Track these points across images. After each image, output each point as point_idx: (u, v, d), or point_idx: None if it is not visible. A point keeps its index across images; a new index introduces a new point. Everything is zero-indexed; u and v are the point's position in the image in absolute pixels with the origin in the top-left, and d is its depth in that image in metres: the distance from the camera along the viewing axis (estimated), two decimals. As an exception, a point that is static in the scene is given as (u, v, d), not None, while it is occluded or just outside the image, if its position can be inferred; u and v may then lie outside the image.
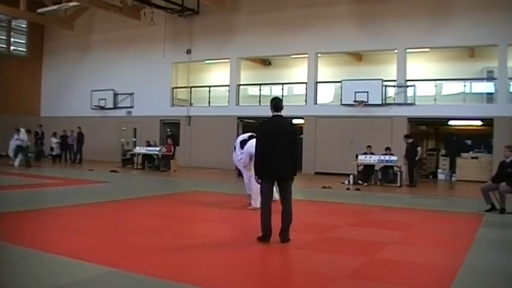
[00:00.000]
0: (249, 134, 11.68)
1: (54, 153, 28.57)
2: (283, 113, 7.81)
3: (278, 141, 7.59)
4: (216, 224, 9.94)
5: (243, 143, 11.53)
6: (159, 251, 7.05)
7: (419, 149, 19.92)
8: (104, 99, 30.53)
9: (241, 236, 8.16)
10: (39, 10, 29.67)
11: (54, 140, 28.56)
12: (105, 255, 6.62)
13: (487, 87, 23.33)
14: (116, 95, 30.73)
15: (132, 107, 30.37)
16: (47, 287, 5.25)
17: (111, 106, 30.62)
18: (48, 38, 35.12)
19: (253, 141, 9.91)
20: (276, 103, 7.87)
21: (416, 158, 19.57)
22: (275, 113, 7.85)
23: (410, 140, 19.89)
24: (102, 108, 30.73)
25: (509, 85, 21.77)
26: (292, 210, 7.67)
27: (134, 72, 29.81)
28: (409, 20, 22.70)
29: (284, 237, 7.58)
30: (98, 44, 32.04)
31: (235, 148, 12.00)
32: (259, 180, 7.75)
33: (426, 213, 11.96)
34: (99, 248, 7.11)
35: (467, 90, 23.09)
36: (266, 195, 7.69)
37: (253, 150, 9.71)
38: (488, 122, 21.64)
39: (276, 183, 7.88)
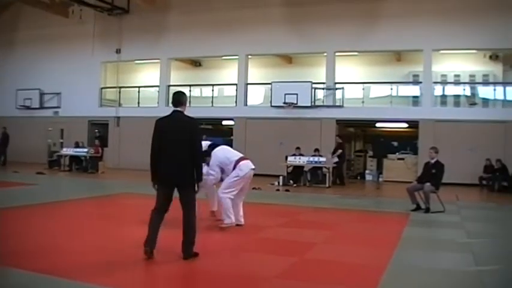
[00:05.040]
0: (208, 143, 9.95)
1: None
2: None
3: (173, 141, 6.60)
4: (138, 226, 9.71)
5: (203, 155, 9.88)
6: (78, 254, 6.87)
7: (340, 151, 20.39)
8: (30, 98, 29.45)
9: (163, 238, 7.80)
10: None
11: (-25, 140, 27.37)
12: (23, 259, 6.38)
13: (413, 90, 24.02)
14: (42, 94, 29.69)
15: (59, 107, 29.44)
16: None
17: (37, 106, 29.55)
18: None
19: (218, 150, 9.43)
20: (174, 97, 6.97)
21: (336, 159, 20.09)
22: (174, 109, 6.86)
23: (340, 141, 20.39)
24: (28, 108, 29.66)
25: (434, 89, 22.49)
26: (194, 223, 6.65)
27: (61, 71, 28.88)
28: (338, 24, 23.03)
29: (185, 252, 6.58)
30: (23, 41, 30.77)
31: None
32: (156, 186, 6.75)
33: (354, 213, 12.12)
34: (19, 253, 6.82)
35: (394, 94, 23.64)
36: (158, 202, 6.67)
37: (223, 159, 9.19)
38: (413, 124, 22.23)
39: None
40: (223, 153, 9.36)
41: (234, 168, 9.05)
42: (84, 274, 5.86)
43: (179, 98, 6.93)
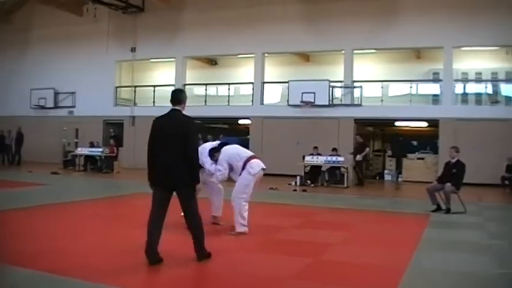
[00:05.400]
0: (218, 141, 9.83)
1: (-10, 154, 27.61)
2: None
3: (167, 141, 6.41)
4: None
5: (213, 151, 9.07)
6: (88, 255, 6.88)
7: (367, 149, 20.27)
8: (44, 98, 29.70)
9: (181, 239, 7.64)
10: (-26, 3, 28.70)
11: (-10, 140, 27.61)
12: (36, 260, 6.39)
13: (433, 88, 23.82)
14: (56, 94, 29.93)
15: (74, 107, 29.65)
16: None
17: (52, 105, 29.81)
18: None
19: (229, 147, 9.04)
20: (173, 95, 6.73)
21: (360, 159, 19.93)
22: (172, 107, 6.67)
23: (361, 140, 20.22)
24: (43, 107, 29.89)
25: (454, 87, 22.26)
26: (200, 224, 6.51)
27: (76, 70, 29.04)
28: (356, 21, 22.90)
29: (198, 253, 6.48)
30: (37, 40, 31.04)
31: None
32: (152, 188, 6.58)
33: (373, 214, 12.04)
34: (32, 253, 6.83)
35: (414, 92, 23.46)
36: (154, 205, 6.47)
37: (233, 155, 8.79)
38: (433, 123, 22.02)
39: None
40: (234, 149, 9.01)
41: (244, 167, 8.66)
42: (93, 275, 5.85)
43: (178, 96, 6.72)
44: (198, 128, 6.71)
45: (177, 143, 6.35)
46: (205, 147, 9.14)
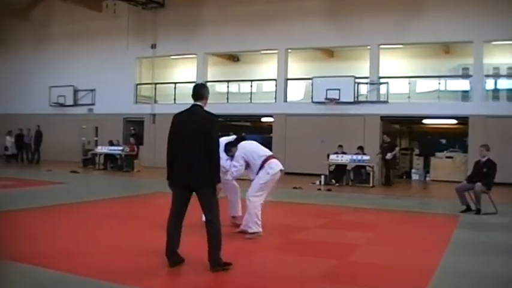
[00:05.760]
0: (235, 136, 9.70)
1: (9, 153, 27.99)
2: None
3: (187, 138, 6.22)
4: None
5: (229, 145, 8.79)
6: (108, 256, 6.92)
7: (397, 148, 20.10)
8: (63, 95, 29.97)
9: (199, 240, 7.64)
10: (-9, -2, 29.01)
11: (9, 139, 27.95)
12: (54, 260, 6.45)
13: (462, 84, 23.55)
14: (76, 91, 30.21)
15: (93, 104, 29.89)
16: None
17: (71, 103, 30.09)
18: (1, 28, 34.14)
19: (247, 143, 8.93)
20: (195, 89, 6.54)
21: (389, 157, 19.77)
22: (194, 102, 6.47)
23: (389, 140, 20.06)
24: (62, 105, 30.17)
25: (485, 83, 22.02)
26: (219, 229, 6.20)
27: (95, 67, 29.29)
28: (382, 15, 22.71)
29: (212, 262, 6.13)
30: (56, 36, 31.32)
31: None
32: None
33: (399, 214, 11.96)
34: (48, 253, 6.90)
35: (442, 88, 23.28)
36: (173, 205, 6.38)
37: (251, 152, 8.63)
38: (463, 120, 21.77)
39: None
40: (252, 146, 8.83)
41: (261, 166, 8.50)
42: (115, 276, 5.87)
43: (200, 91, 6.52)
44: (220, 126, 6.42)
45: (198, 140, 6.15)
46: (221, 142, 8.48)
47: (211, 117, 6.34)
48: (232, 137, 9.38)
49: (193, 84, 21.70)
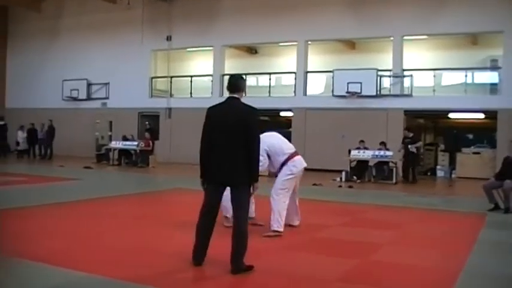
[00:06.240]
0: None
1: (20, 148, 28.24)
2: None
3: (224, 132, 6.05)
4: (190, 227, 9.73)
5: None
6: (127, 255, 6.96)
7: (420, 142, 19.91)
8: (77, 89, 30.17)
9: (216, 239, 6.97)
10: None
11: (20, 134, 28.17)
12: (69, 259, 6.50)
13: (491, 77, 23.34)
14: (89, 85, 30.41)
15: (107, 98, 30.06)
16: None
17: (85, 97, 30.29)
18: (13, 20, 34.48)
19: (270, 135, 8.80)
20: (231, 81, 6.42)
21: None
22: (230, 95, 6.34)
23: (411, 134, 19.91)
24: (75, 99, 30.38)
25: (515, 75, 21.77)
26: (246, 230, 6.10)
27: (109, 60, 29.45)
28: (405, 5, 22.54)
29: (234, 265, 6.00)
30: (69, 28, 31.50)
31: None
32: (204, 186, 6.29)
33: (424, 213, 11.91)
34: (63, 252, 6.97)
35: (469, 81, 23.10)
36: (206, 203, 6.23)
37: (277, 147, 8.52)
38: (491, 114, 21.57)
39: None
40: (277, 141, 8.72)
41: (284, 163, 8.45)
42: (130, 276, 5.89)
43: (237, 83, 6.37)
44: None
45: (238, 135, 6.01)
46: None
47: (251, 110, 6.19)
48: None
49: (210, 78, 21.60)
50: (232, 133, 6.02)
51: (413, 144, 19.60)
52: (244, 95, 6.40)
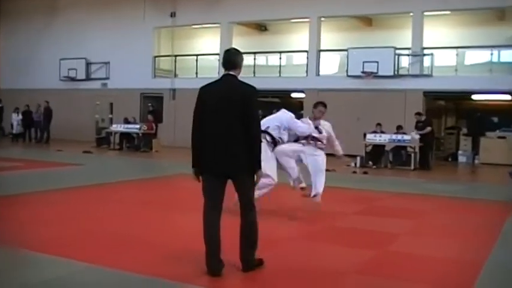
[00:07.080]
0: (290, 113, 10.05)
1: (15, 131, 28.33)
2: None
3: (220, 114, 5.62)
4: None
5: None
6: (137, 244, 6.99)
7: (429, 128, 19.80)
8: (75, 69, 30.18)
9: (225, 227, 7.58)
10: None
11: (15, 116, 28.23)
12: (71, 249, 6.54)
13: (518, 56, 23.23)
14: (88, 64, 30.43)
15: (107, 79, 30.12)
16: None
17: (83, 77, 30.33)
18: (5, -2, 34.58)
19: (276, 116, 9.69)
20: (226, 56, 5.92)
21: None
22: (225, 72, 5.86)
23: (423, 118, 19.83)
24: (73, 79, 30.41)
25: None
26: (255, 223, 5.72)
27: (110, 38, 29.43)
28: (426, -22, 22.45)
29: (244, 261, 5.74)
30: (67, 5, 31.44)
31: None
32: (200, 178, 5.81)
33: (444, 201, 11.89)
34: (65, 241, 7.00)
35: (495, 60, 23.02)
36: (208, 197, 5.71)
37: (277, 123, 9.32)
38: (518, 96, 21.52)
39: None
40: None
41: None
42: (143, 267, 5.90)
43: (233, 58, 5.87)
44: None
45: (234, 117, 5.58)
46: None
47: (249, 89, 5.78)
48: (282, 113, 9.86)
49: (217, 56, 21.55)
50: (228, 115, 5.61)
51: (420, 129, 19.57)
52: (239, 72, 5.96)
